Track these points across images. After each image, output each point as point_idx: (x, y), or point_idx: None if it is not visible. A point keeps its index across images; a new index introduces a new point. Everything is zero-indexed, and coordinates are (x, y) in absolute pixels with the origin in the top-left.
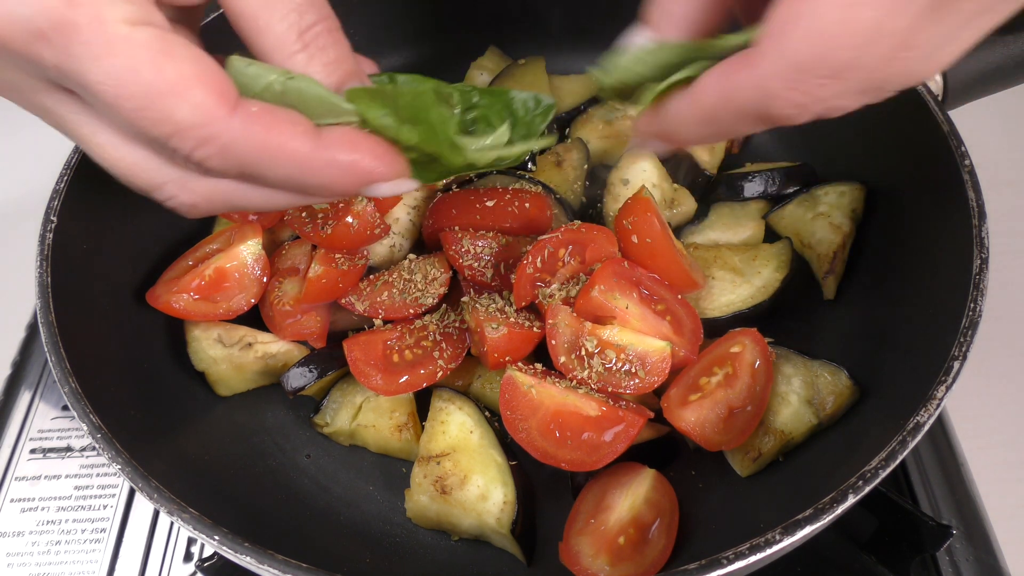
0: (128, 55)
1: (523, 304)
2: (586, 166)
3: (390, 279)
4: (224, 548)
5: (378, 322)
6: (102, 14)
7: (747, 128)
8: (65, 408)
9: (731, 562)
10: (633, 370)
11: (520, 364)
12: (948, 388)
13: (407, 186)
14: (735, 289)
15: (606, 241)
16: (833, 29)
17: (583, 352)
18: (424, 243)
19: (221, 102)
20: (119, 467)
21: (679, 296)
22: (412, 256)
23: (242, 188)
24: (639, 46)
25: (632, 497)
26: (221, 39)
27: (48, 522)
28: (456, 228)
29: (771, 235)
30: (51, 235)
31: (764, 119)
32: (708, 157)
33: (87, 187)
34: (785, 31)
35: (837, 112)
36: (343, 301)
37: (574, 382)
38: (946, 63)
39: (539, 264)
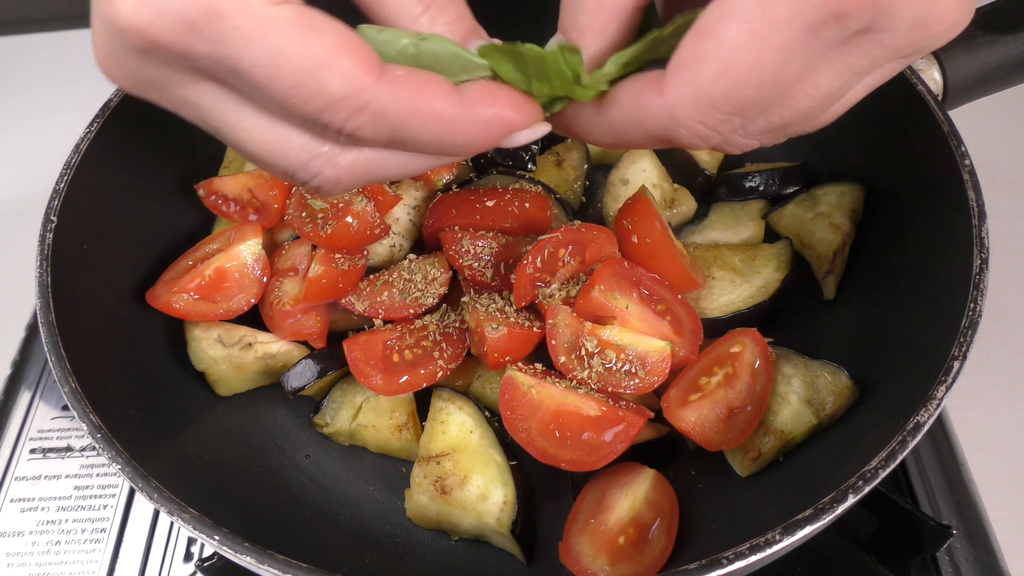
0: (277, 35)
1: (523, 304)
2: (586, 166)
3: (390, 279)
4: (224, 548)
5: (378, 322)
6: None
7: (648, 145)
8: (65, 408)
9: (731, 562)
10: (633, 370)
11: (520, 364)
12: (948, 388)
13: (543, 129)
14: (735, 289)
15: (606, 241)
16: (742, 69)
17: (583, 352)
18: (424, 243)
19: (369, 70)
20: (119, 467)
21: (679, 296)
22: (412, 256)
23: (385, 155)
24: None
25: (632, 497)
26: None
27: (48, 522)
28: (456, 228)
29: (771, 235)
30: (51, 235)
31: (666, 142)
32: (708, 157)
33: (87, 187)
34: (697, 64)
35: (736, 149)
36: (343, 301)
37: (574, 382)
38: (841, 111)
39: (539, 264)
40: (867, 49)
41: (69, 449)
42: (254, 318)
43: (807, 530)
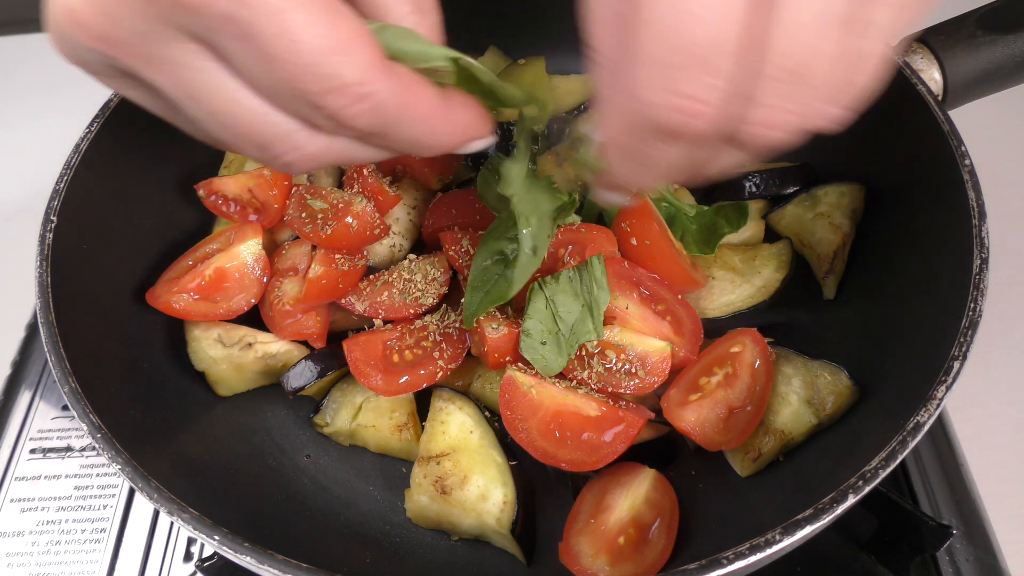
0: (307, 10)
1: (523, 304)
2: None
3: (390, 279)
4: (224, 548)
5: (378, 322)
6: None
7: (664, 155)
8: (65, 408)
9: (731, 562)
10: (633, 370)
11: (520, 364)
12: (948, 388)
13: (492, 140)
14: (735, 289)
15: (606, 241)
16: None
17: (583, 352)
18: (424, 243)
19: (378, 63)
20: (119, 467)
21: (679, 296)
22: (412, 256)
23: (357, 144)
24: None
25: (632, 497)
26: None
27: (48, 522)
28: (456, 228)
29: (771, 235)
30: (51, 235)
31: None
32: None
33: (87, 187)
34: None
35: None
36: (343, 301)
37: (574, 382)
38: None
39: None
40: None
41: (69, 449)
42: (254, 318)
43: (807, 530)
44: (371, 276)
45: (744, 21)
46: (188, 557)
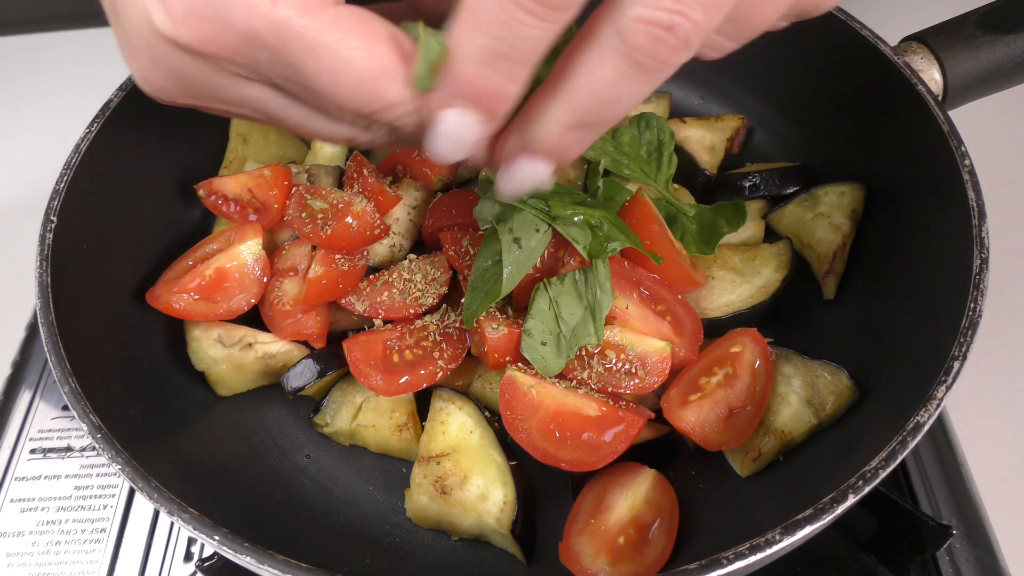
0: (342, 44)
1: (523, 304)
2: (586, 166)
3: (390, 279)
4: (224, 548)
5: (378, 322)
6: (307, 4)
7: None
8: (65, 408)
9: (731, 562)
10: (633, 370)
11: (520, 364)
12: (948, 388)
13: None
14: (735, 289)
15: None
16: None
17: (583, 352)
18: (424, 243)
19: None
20: (119, 467)
21: (679, 296)
22: (412, 256)
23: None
24: None
25: (632, 497)
26: None
27: (48, 522)
28: (456, 228)
29: (771, 235)
30: (51, 235)
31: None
32: (708, 157)
33: (87, 187)
34: None
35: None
36: (343, 301)
37: (574, 382)
38: None
39: (539, 264)
40: None
41: (69, 449)
42: (254, 318)
43: (807, 530)
44: (371, 276)
45: None
46: (188, 557)
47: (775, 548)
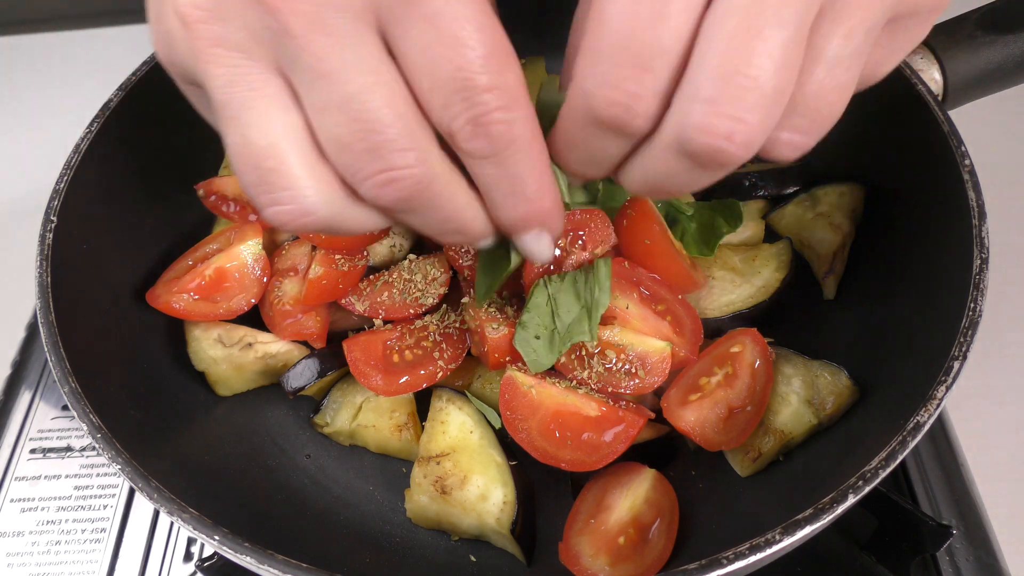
0: (352, 50)
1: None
2: None
3: (390, 279)
4: (224, 548)
5: (378, 322)
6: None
7: (606, 146)
8: (65, 408)
9: (731, 562)
10: (633, 370)
11: (520, 364)
12: (948, 388)
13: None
14: (735, 289)
15: (601, 224)
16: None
17: (583, 352)
18: (424, 243)
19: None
20: (119, 467)
21: (679, 296)
22: (412, 256)
23: None
24: None
25: (632, 497)
26: None
27: (48, 522)
28: None
29: (771, 235)
30: (51, 235)
31: (601, 124)
32: None
33: (87, 187)
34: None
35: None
36: (343, 301)
37: (574, 382)
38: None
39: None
40: None
41: (69, 449)
42: (254, 318)
43: (807, 530)
44: (371, 276)
45: (689, 28)
46: (188, 557)
47: (775, 548)
